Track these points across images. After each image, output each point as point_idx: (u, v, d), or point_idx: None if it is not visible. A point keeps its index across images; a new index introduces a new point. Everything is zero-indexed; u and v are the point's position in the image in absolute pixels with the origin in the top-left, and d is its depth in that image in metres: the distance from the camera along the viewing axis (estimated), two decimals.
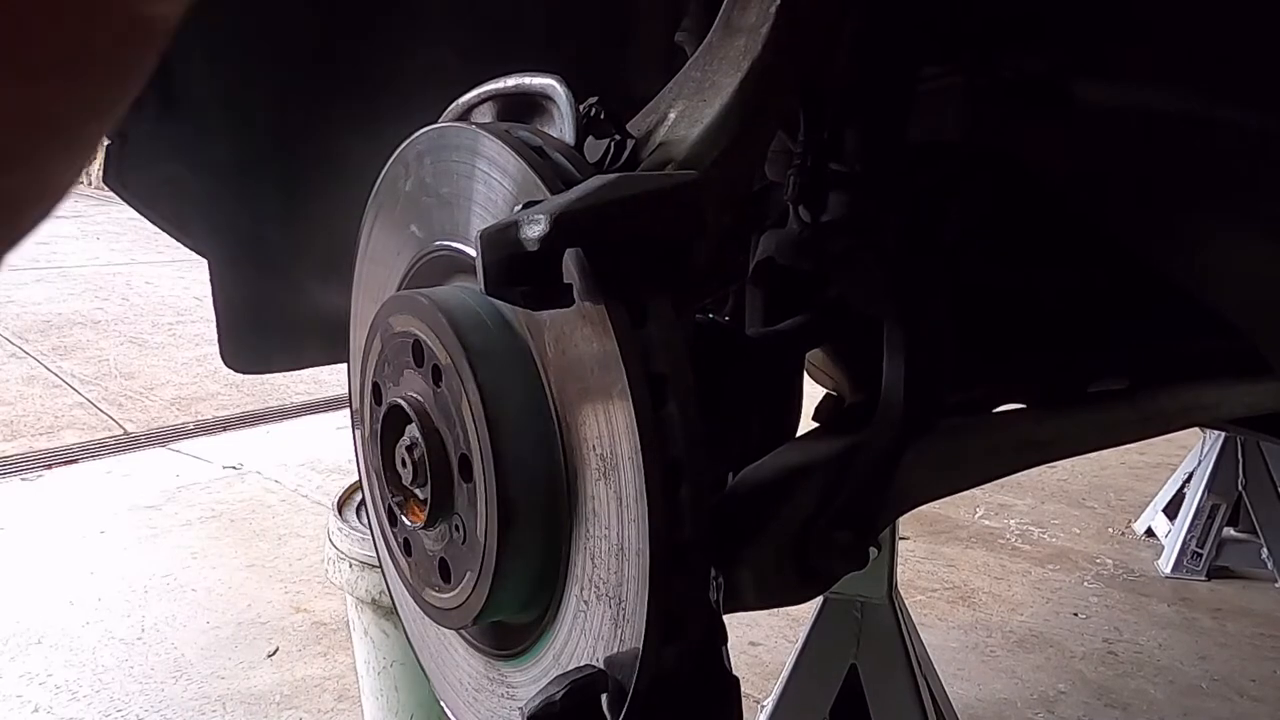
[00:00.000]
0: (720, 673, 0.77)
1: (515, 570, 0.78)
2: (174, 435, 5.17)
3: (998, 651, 3.17)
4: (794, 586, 0.92)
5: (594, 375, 0.71)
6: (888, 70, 0.96)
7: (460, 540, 0.81)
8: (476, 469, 0.77)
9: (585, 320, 0.70)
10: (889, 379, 0.93)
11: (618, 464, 0.70)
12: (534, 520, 0.77)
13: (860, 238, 0.94)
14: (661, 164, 0.78)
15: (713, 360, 0.94)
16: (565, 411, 0.75)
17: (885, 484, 0.93)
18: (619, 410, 0.69)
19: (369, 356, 0.90)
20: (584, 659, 0.75)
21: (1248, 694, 2.94)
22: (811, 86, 0.94)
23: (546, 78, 0.83)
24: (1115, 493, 4.55)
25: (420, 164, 0.88)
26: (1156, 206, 1.05)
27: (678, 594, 0.70)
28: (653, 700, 0.71)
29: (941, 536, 4.04)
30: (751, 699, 2.83)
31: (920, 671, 2.22)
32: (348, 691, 2.78)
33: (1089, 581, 3.69)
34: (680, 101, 0.83)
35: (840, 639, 2.22)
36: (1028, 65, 1.00)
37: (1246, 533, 3.76)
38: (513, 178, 0.76)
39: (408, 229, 0.91)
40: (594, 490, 0.73)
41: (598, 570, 0.73)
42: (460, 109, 0.93)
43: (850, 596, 2.20)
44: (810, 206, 0.96)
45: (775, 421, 1.01)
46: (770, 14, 0.81)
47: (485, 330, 0.79)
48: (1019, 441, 1.13)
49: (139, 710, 2.75)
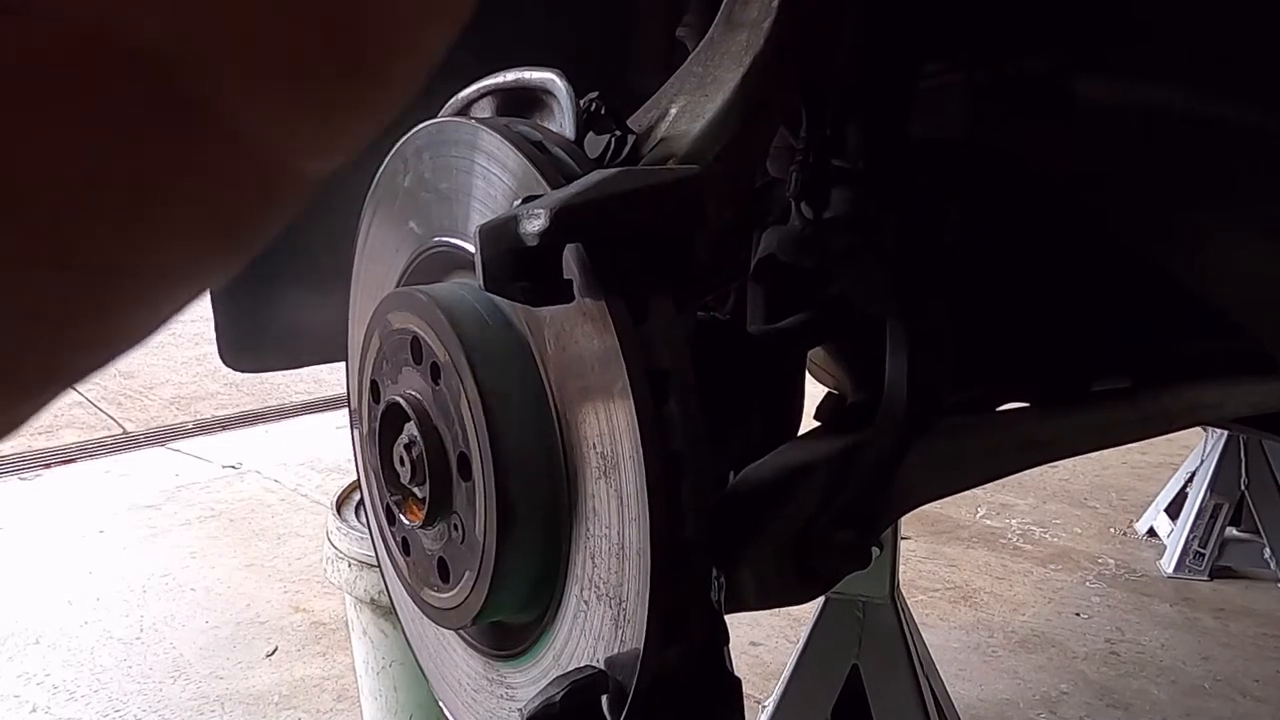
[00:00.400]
0: (722, 673, 0.76)
1: (515, 570, 0.77)
2: (173, 434, 5.17)
3: (1000, 652, 3.17)
4: (795, 586, 0.91)
5: (594, 373, 0.70)
6: (889, 67, 0.96)
7: (459, 540, 0.80)
8: (475, 468, 0.76)
9: (585, 317, 0.70)
10: (891, 378, 0.92)
11: (618, 462, 0.69)
12: (534, 519, 0.76)
13: (862, 235, 0.94)
14: (663, 159, 0.78)
15: (714, 358, 0.93)
16: (565, 409, 0.74)
17: (887, 483, 0.93)
18: (620, 408, 0.68)
19: (367, 353, 0.89)
20: (584, 659, 0.75)
21: (1251, 694, 2.93)
22: (813, 82, 0.93)
23: (547, 72, 0.83)
24: (1117, 492, 4.54)
25: (419, 159, 0.87)
26: (1157, 206, 1.05)
27: (679, 594, 0.69)
28: (654, 701, 0.70)
29: (943, 536, 4.03)
30: (753, 699, 2.83)
31: (922, 672, 2.21)
32: (347, 691, 2.78)
33: (1091, 581, 3.68)
34: (682, 97, 0.82)
35: (842, 639, 2.22)
36: (1028, 64, 1.00)
37: (1249, 532, 3.75)
38: (512, 173, 0.76)
39: (406, 225, 0.91)
40: (594, 489, 0.72)
41: (598, 570, 0.73)
42: (460, 104, 0.92)
43: (852, 596, 2.19)
44: (812, 203, 0.96)
45: (776, 420, 1.01)
46: (772, 9, 0.80)
47: (484, 327, 0.78)
48: (1021, 441, 1.13)
49: (137, 710, 2.75)
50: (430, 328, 0.79)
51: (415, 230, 0.89)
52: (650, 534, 0.68)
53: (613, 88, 0.82)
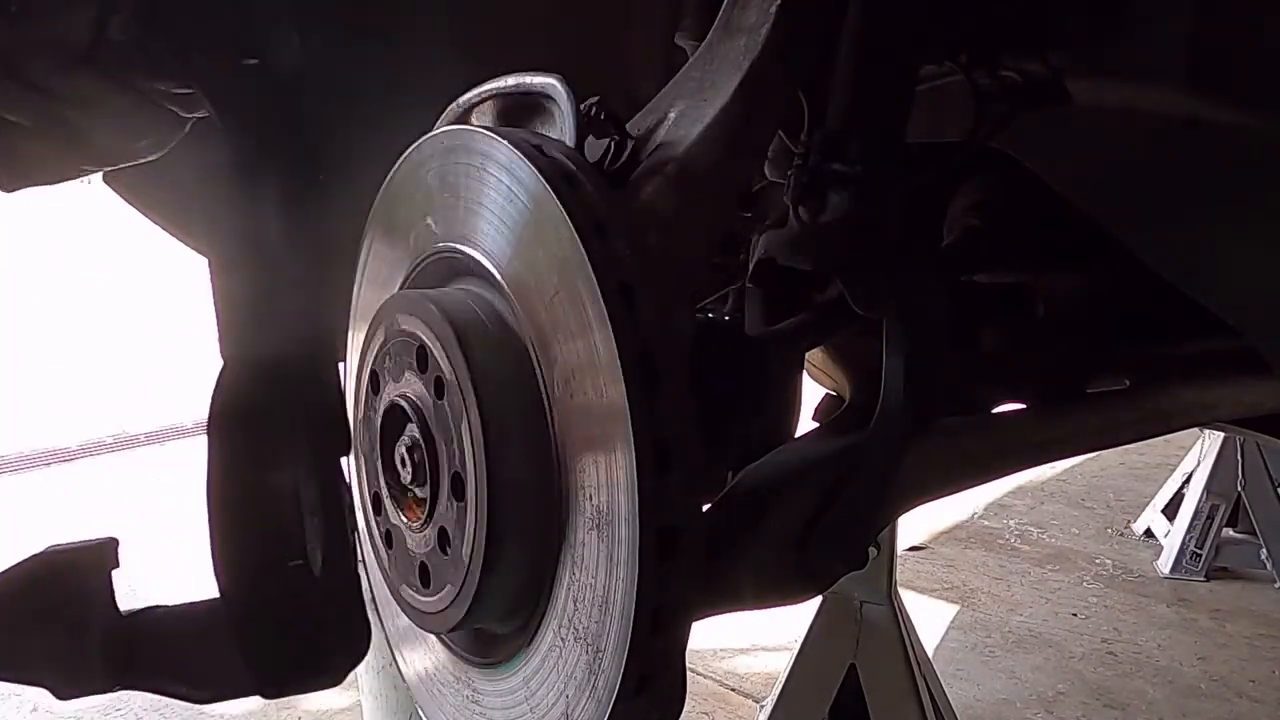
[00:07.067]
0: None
1: (496, 594, 0.78)
2: (173, 434, 5.16)
3: (997, 651, 3.17)
4: (794, 586, 0.92)
5: (599, 426, 0.70)
6: (887, 70, 0.96)
7: (444, 551, 0.80)
8: (469, 492, 0.76)
9: (598, 369, 0.70)
10: (889, 379, 0.92)
11: (613, 520, 0.70)
12: (520, 552, 0.76)
13: (860, 238, 0.94)
14: (662, 164, 0.78)
15: (713, 360, 0.94)
16: (566, 452, 0.74)
17: (885, 484, 0.93)
18: (621, 467, 0.68)
19: (370, 344, 0.89)
20: (553, 693, 0.76)
21: (1246, 694, 2.94)
22: (812, 87, 0.94)
23: (547, 77, 0.83)
24: (1114, 493, 4.55)
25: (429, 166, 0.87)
26: (1155, 206, 1.05)
27: (655, 658, 0.70)
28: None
29: (940, 537, 4.04)
30: (752, 699, 2.83)
31: (919, 671, 2.22)
32: (347, 691, 2.78)
33: (1088, 582, 3.69)
34: (680, 101, 0.83)
35: (840, 639, 2.23)
36: (1028, 65, 1.00)
37: (1245, 533, 3.76)
38: (525, 186, 0.75)
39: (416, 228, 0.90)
40: (585, 537, 0.72)
41: (579, 614, 0.73)
42: (461, 108, 0.92)
43: (850, 596, 2.20)
44: (810, 206, 0.96)
45: (775, 421, 1.01)
46: (770, 14, 0.81)
47: (495, 353, 0.77)
48: (1018, 441, 1.13)
49: (138, 709, 2.75)
50: (439, 341, 0.78)
51: (430, 230, 0.88)
52: (636, 601, 0.68)
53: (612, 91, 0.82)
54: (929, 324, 0.93)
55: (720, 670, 3.01)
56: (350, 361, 1.02)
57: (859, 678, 2.21)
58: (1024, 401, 1.21)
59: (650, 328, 0.69)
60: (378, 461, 0.89)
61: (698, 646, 2.80)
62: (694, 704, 2.81)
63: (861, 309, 0.92)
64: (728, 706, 2.83)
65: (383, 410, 0.87)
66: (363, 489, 0.94)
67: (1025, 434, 1.15)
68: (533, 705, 0.78)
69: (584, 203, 0.72)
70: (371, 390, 0.89)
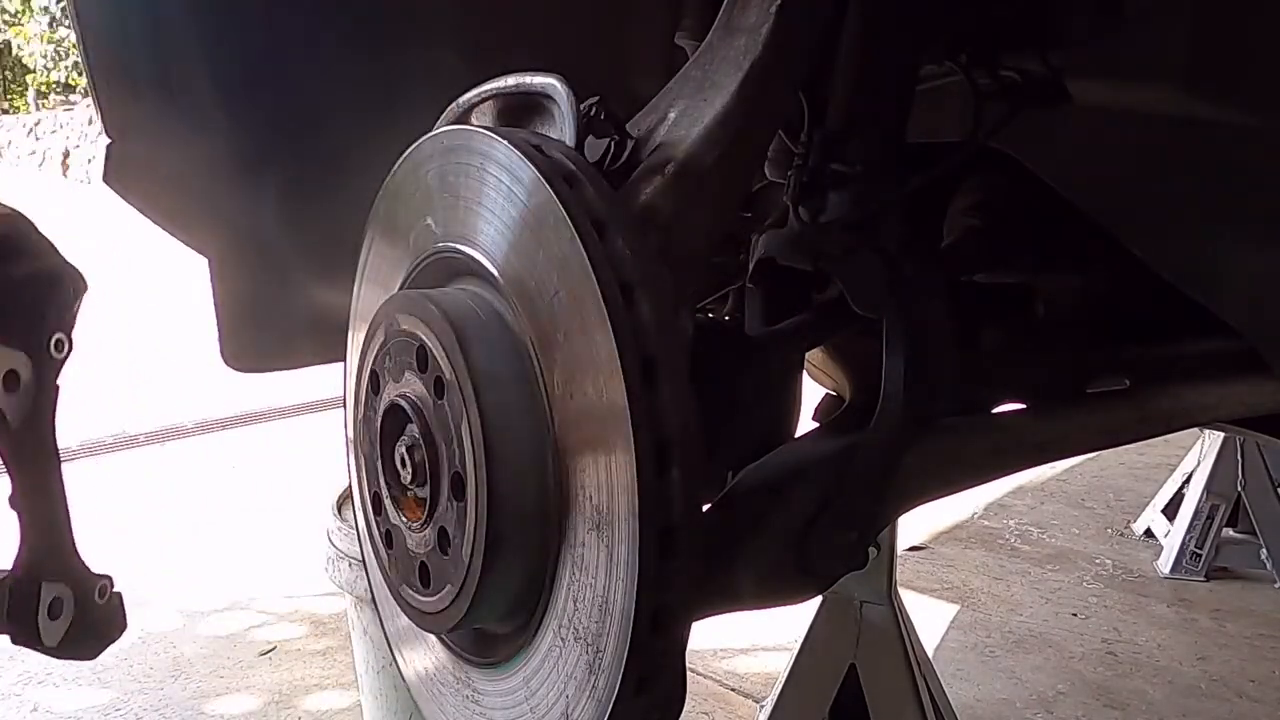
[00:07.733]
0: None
1: (496, 594, 0.78)
2: (173, 434, 5.17)
3: (997, 652, 3.18)
4: (794, 586, 0.92)
5: (599, 426, 0.70)
6: (887, 70, 0.96)
7: (444, 551, 0.80)
8: (469, 493, 0.76)
9: (597, 370, 0.70)
10: (889, 379, 0.93)
11: (613, 521, 0.70)
12: (520, 551, 0.76)
13: (860, 237, 0.94)
14: (662, 163, 0.78)
15: (712, 360, 0.94)
16: (565, 452, 0.74)
17: (885, 484, 0.93)
18: (621, 467, 0.68)
19: (370, 343, 0.89)
20: (553, 692, 0.76)
21: (1246, 695, 2.94)
22: (812, 87, 0.94)
23: (547, 77, 0.83)
24: (1114, 493, 4.56)
25: (428, 166, 0.87)
26: (1155, 207, 1.06)
27: (655, 659, 0.70)
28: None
29: (940, 536, 4.04)
30: (752, 699, 2.84)
31: (919, 671, 2.22)
32: (347, 691, 2.78)
33: (1088, 582, 3.69)
34: (681, 101, 0.83)
35: (840, 639, 2.23)
36: (1028, 65, 1.01)
37: (1245, 533, 3.76)
38: (525, 185, 0.75)
39: (416, 228, 0.90)
40: (585, 537, 0.72)
41: (579, 614, 0.73)
42: (461, 108, 0.92)
43: (850, 596, 2.20)
44: (810, 206, 0.96)
45: (775, 421, 1.01)
46: (770, 14, 0.81)
47: (495, 353, 0.77)
48: (1018, 441, 1.13)
49: (138, 709, 2.75)
50: (440, 342, 0.78)
51: (430, 230, 0.88)
52: (636, 601, 0.68)
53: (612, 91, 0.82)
54: (929, 324, 0.93)
55: (720, 670, 3.01)
56: (350, 361, 1.03)
57: (859, 678, 2.21)
58: (1024, 401, 1.21)
59: (650, 328, 0.69)
60: (378, 461, 0.89)
61: (698, 646, 2.80)
62: (694, 704, 2.82)
63: (861, 309, 0.92)
64: (728, 706, 2.83)
65: (383, 410, 0.87)
66: (363, 489, 0.94)
67: (1025, 434, 1.15)
68: (533, 705, 0.78)
69: (584, 202, 0.72)
70: (371, 390, 0.89)
